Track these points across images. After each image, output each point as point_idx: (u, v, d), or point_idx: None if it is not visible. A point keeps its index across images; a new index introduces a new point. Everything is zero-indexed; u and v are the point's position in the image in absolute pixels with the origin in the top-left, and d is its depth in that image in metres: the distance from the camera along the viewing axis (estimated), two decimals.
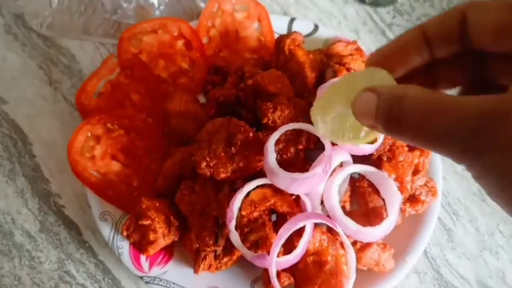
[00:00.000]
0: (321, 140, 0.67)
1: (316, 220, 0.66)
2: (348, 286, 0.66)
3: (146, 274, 0.72)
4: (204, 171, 0.68)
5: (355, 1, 1.02)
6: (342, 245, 0.68)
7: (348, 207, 0.73)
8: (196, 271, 0.69)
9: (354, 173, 0.74)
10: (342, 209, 0.68)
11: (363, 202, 0.73)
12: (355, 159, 0.72)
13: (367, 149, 0.72)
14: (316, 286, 0.66)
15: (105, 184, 0.76)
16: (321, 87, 0.72)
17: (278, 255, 0.66)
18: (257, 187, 0.68)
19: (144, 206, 0.70)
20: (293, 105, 0.72)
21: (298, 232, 0.66)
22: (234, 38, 0.89)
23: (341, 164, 0.72)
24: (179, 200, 0.72)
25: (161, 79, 0.86)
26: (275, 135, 0.67)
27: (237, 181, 0.71)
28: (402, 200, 0.71)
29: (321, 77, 0.80)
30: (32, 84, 0.91)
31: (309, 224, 0.67)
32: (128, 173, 0.78)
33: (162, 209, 0.71)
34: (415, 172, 0.75)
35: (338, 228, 0.66)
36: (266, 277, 0.67)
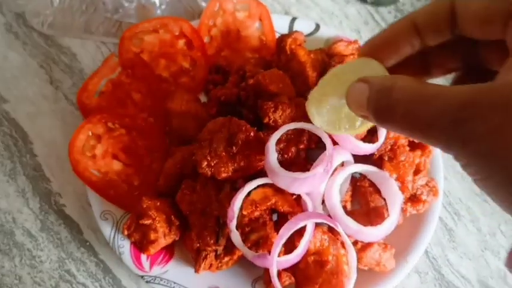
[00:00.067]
0: (322, 140, 0.67)
1: (317, 220, 0.66)
2: (349, 286, 0.66)
3: (147, 273, 0.72)
4: (205, 170, 0.68)
5: (356, 0, 1.02)
6: (343, 245, 0.68)
7: (349, 206, 0.73)
8: (197, 270, 0.69)
9: (355, 173, 0.74)
10: (343, 209, 0.68)
11: (364, 202, 0.73)
12: (356, 158, 0.72)
13: (368, 149, 0.72)
14: (317, 286, 0.66)
15: (106, 183, 0.76)
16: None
17: (279, 254, 0.66)
18: (258, 186, 0.68)
19: (145, 206, 0.70)
20: (294, 104, 0.72)
21: (299, 232, 0.66)
22: (235, 38, 0.89)
23: (342, 164, 0.72)
24: (180, 200, 0.72)
25: (162, 78, 0.86)
26: (276, 134, 0.67)
27: (238, 181, 0.71)
28: (403, 200, 0.71)
29: (322, 77, 0.80)
30: (33, 83, 0.91)
31: (310, 224, 0.66)
32: (129, 172, 0.78)
33: (163, 209, 0.71)
34: (416, 172, 0.74)
35: (339, 228, 0.66)
36: (267, 277, 0.67)
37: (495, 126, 0.31)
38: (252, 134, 0.69)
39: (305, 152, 0.73)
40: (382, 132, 0.73)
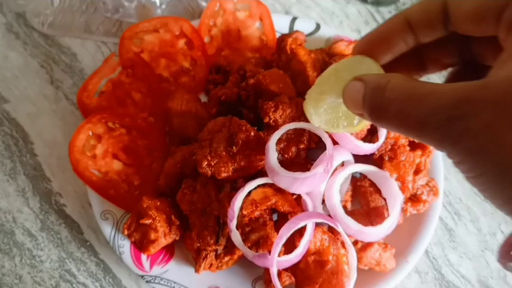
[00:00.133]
0: (322, 140, 0.67)
1: (317, 220, 0.66)
2: (349, 286, 0.66)
3: (147, 273, 0.72)
4: (205, 170, 0.68)
5: (357, 0, 1.02)
6: (343, 245, 0.68)
7: (349, 206, 0.73)
8: (197, 270, 0.69)
9: (355, 173, 0.74)
10: (343, 209, 0.68)
11: (364, 202, 0.73)
12: (356, 158, 0.72)
13: (369, 149, 0.72)
14: (317, 286, 0.66)
15: (106, 183, 0.76)
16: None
17: (279, 254, 0.66)
18: (258, 186, 0.68)
19: (145, 205, 0.70)
20: (295, 104, 0.72)
21: (299, 232, 0.66)
22: (236, 37, 0.89)
23: (343, 164, 0.72)
24: (180, 199, 0.72)
25: (162, 78, 0.86)
26: (276, 134, 0.67)
27: (238, 180, 0.71)
28: (403, 200, 0.71)
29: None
30: (34, 83, 0.91)
31: (310, 224, 0.66)
32: (129, 172, 0.78)
33: (163, 208, 0.71)
34: (417, 172, 0.74)
35: (339, 227, 0.66)
36: (267, 276, 0.67)
37: (486, 123, 0.31)
38: (253, 134, 0.69)
39: (305, 152, 0.73)
40: (382, 132, 0.73)
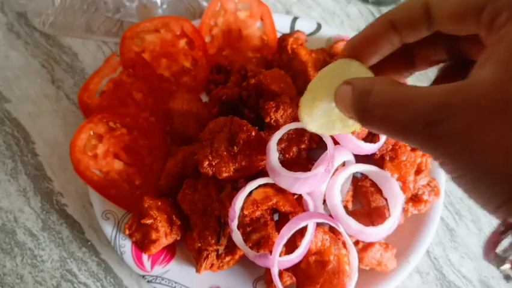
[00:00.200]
0: (323, 140, 0.67)
1: (318, 220, 0.66)
2: (350, 286, 0.66)
3: (148, 273, 0.72)
4: (206, 170, 0.68)
5: (358, 0, 1.02)
6: (344, 245, 0.68)
7: (350, 206, 0.73)
8: (198, 270, 0.69)
9: (356, 173, 0.74)
10: (344, 209, 0.68)
11: (365, 202, 0.73)
12: (357, 158, 0.72)
13: (370, 149, 0.72)
14: (318, 286, 0.66)
15: (107, 183, 0.76)
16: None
17: (280, 254, 0.66)
18: (259, 186, 0.68)
19: (146, 205, 0.70)
20: (296, 104, 0.72)
21: (300, 232, 0.66)
22: (237, 37, 0.89)
23: (344, 164, 0.72)
24: (181, 199, 0.72)
25: (163, 78, 0.86)
26: (277, 134, 0.67)
27: (239, 180, 0.71)
28: (404, 200, 0.71)
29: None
30: (35, 82, 0.91)
31: (311, 224, 0.66)
32: (130, 172, 0.78)
33: (164, 208, 0.71)
34: (418, 172, 0.74)
35: (340, 227, 0.66)
36: (268, 276, 0.67)
37: (466, 126, 0.32)
38: (254, 134, 0.69)
39: (306, 152, 0.73)
40: None
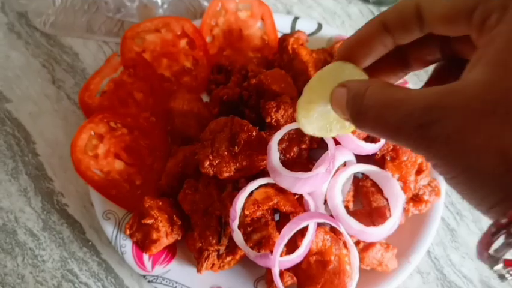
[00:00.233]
0: (324, 140, 0.67)
1: (319, 220, 0.66)
2: (351, 286, 0.66)
3: (149, 273, 0.72)
4: (207, 170, 0.68)
5: (359, 0, 1.02)
6: (345, 245, 0.68)
7: (351, 206, 0.73)
8: (199, 270, 0.69)
9: (357, 173, 0.74)
10: (345, 209, 0.68)
11: (366, 202, 0.73)
12: (358, 158, 0.72)
13: (371, 149, 0.72)
14: (319, 286, 0.66)
15: (108, 183, 0.76)
16: None
17: (281, 254, 0.66)
18: (260, 186, 0.68)
19: (147, 205, 0.70)
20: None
21: (301, 232, 0.66)
22: (238, 37, 0.89)
23: (345, 164, 0.72)
24: (182, 199, 0.72)
25: (164, 78, 0.86)
26: (278, 134, 0.67)
27: (240, 180, 0.71)
28: (405, 200, 0.71)
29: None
30: (35, 82, 0.91)
31: (312, 224, 0.66)
32: (131, 172, 0.78)
33: (165, 208, 0.71)
34: (419, 172, 0.74)
35: (341, 228, 0.66)
36: (269, 276, 0.67)
37: (457, 128, 0.32)
38: (254, 134, 0.69)
39: (307, 152, 0.73)
40: None
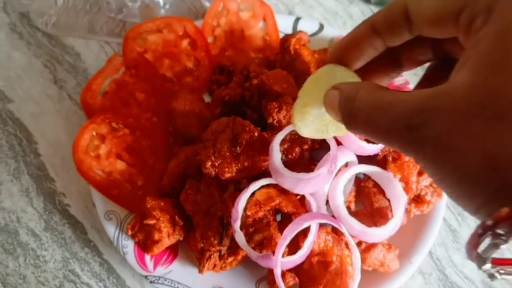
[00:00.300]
0: (326, 140, 0.67)
1: (321, 220, 0.66)
2: (353, 287, 0.66)
3: (151, 273, 0.72)
4: (209, 170, 0.68)
5: (360, 0, 1.02)
6: (347, 246, 0.68)
7: (353, 207, 0.73)
8: (200, 271, 0.69)
9: (359, 173, 0.74)
10: (347, 209, 0.68)
11: (368, 202, 0.73)
12: (360, 159, 0.72)
13: (372, 149, 0.72)
14: (321, 286, 0.66)
15: (110, 183, 0.76)
16: None
17: (283, 255, 0.66)
18: (262, 187, 0.68)
19: (149, 206, 0.70)
20: None
21: (303, 232, 0.66)
22: (239, 38, 0.89)
23: (346, 164, 0.72)
24: (184, 200, 0.72)
25: (166, 78, 0.86)
26: (280, 135, 0.67)
27: (242, 181, 0.71)
28: (407, 201, 0.71)
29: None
30: (37, 82, 0.91)
31: (314, 225, 0.66)
32: (133, 172, 0.78)
33: (167, 209, 0.71)
34: (420, 172, 0.74)
35: (343, 228, 0.66)
36: (271, 277, 0.67)
37: (444, 130, 0.32)
38: (256, 134, 0.69)
39: (309, 153, 0.73)
40: None
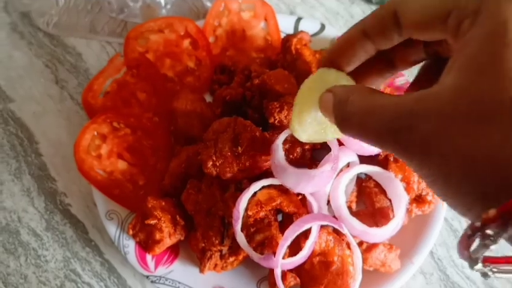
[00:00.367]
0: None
1: (322, 222, 0.66)
2: (354, 287, 0.66)
3: (152, 273, 0.72)
4: (210, 170, 0.68)
5: (361, 0, 1.02)
6: (348, 246, 0.68)
7: (354, 207, 0.73)
8: (201, 271, 0.69)
9: (360, 174, 0.74)
10: (348, 210, 0.68)
11: (369, 202, 0.73)
12: (362, 159, 0.72)
13: (374, 149, 0.72)
14: (322, 286, 0.66)
15: (111, 183, 0.76)
16: None
17: (284, 256, 0.66)
18: (263, 187, 0.68)
19: (150, 205, 0.70)
20: None
21: (304, 233, 0.66)
22: (241, 37, 0.89)
23: (348, 165, 0.72)
24: (185, 199, 0.72)
25: (167, 78, 0.86)
26: (284, 134, 0.67)
27: (243, 181, 0.71)
28: (408, 201, 0.71)
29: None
30: (39, 82, 0.91)
31: (316, 226, 0.66)
32: (134, 172, 0.78)
33: (168, 208, 0.71)
34: None
35: (344, 229, 0.66)
36: (272, 277, 0.67)
37: (432, 133, 0.32)
38: (257, 134, 0.69)
39: (310, 153, 0.72)
40: None
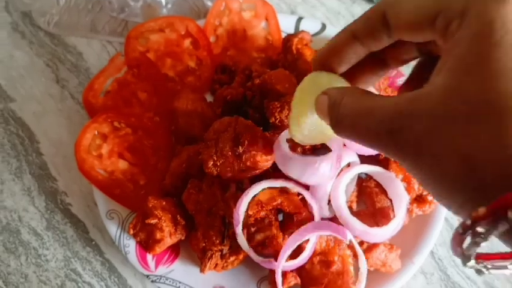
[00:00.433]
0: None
1: (324, 232, 0.66)
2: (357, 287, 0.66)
3: (152, 273, 0.72)
4: (211, 170, 0.68)
5: (363, 0, 1.02)
6: (348, 246, 0.68)
7: (355, 207, 0.73)
8: (202, 270, 0.69)
9: (361, 173, 0.74)
10: (349, 209, 0.68)
11: (370, 202, 0.73)
12: (362, 159, 0.72)
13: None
14: (322, 286, 0.66)
15: (112, 182, 0.76)
16: None
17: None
18: (263, 189, 0.68)
19: (151, 205, 0.70)
20: None
21: None
22: (241, 37, 0.89)
23: (349, 164, 0.72)
24: (186, 199, 0.72)
25: (168, 78, 0.86)
26: (286, 132, 0.66)
27: (244, 180, 0.71)
28: (409, 201, 0.71)
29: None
30: (39, 82, 0.91)
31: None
32: (135, 172, 0.78)
33: (169, 208, 0.71)
34: None
35: (348, 235, 0.65)
36: (272, 277, 0.67)
37: (423, 133, 0.33)
38: (258, 134, 0.69)
39: (311, 152, 0.72)
40: None
